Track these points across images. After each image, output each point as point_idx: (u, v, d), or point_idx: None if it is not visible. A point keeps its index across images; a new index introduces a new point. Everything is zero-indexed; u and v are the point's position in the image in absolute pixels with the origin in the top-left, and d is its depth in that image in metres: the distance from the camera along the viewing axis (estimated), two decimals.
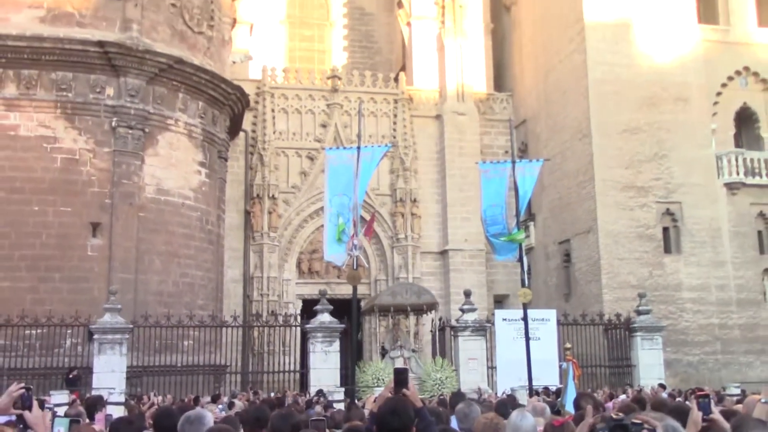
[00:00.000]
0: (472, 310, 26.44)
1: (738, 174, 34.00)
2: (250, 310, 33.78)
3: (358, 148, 19.95)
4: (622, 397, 19.76)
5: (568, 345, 23.70)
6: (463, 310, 26.45)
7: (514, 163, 20.23)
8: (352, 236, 19.34)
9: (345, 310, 24.81)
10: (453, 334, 26.44)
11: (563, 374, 21.70)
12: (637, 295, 28.74)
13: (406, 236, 36.70)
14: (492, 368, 25.71)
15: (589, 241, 33.36)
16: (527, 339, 19.74)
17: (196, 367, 26.29)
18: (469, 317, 26.12)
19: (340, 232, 19.58)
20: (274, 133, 36.44)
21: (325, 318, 25.25)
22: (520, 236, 20.05)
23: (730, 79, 35.02)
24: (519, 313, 21.96)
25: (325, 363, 24.74)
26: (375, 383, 23.41)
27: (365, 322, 32.08)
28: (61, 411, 11.60)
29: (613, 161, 33.21)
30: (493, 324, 25.72)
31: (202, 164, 30.14)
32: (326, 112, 37.43)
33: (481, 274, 36.97)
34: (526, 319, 20.11)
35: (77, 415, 9.42)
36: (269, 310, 33.25)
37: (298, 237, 36.43)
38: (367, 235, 29.45)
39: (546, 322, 24.79)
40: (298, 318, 28.34)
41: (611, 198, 32.93)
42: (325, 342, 24.94)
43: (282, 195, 35.93)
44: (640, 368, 26.95)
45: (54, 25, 26.88)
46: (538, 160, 22.48)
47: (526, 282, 21.27)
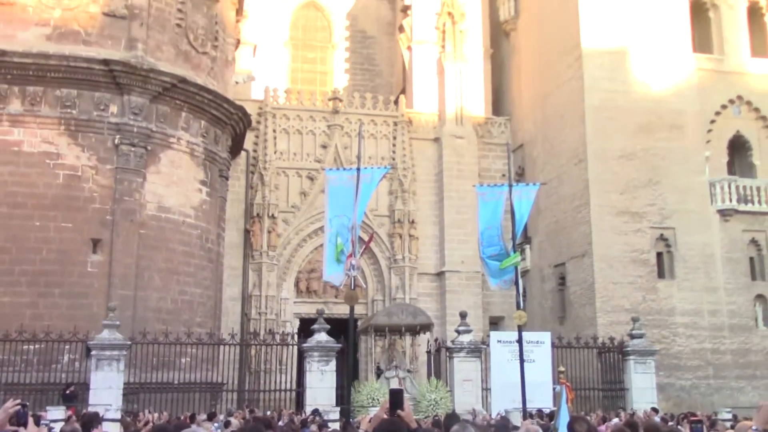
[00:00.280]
0: (468, 332, 26.35)
1: (731, 201, 33.98)
2: (248, 329, 33.67)
3: (358, 169, 19.93)
4: (615, 420, 19.64)
5: (562, 368, 23.63)
6: (458, 332, 26.37)
7: (511, 186, 20.24)
8: (349, 256, 19.26)
9: (342, 329, 24.71)
10: (448, 355, 26.32)
11: (557, 397, 21.63)
12: (631, 319, 28.68)
13: (404, 257, 36.64)
14: (486, 390, 25.56)
15: (584, 265, 33.29)
16: (522, 361, 19.67)
17: (193, 385, 26.11)
18: (465, 339, 26.03)
19: (339, 252, 19.51)
20: (275, 153, 36.43)
21: (322, 337, 25.13)
22: (515, 259, 19.98)
23: (724, 107, 35.05)
24: (514, 335, 21.89)
25: (321, 382, 24.60)
26: (370, 403, 23.26)
27: (362, 342, 31.97)
28: (57, 427, 11.50)
29: (609, 186, 33.20)
30: (488, 346, 25.61)
31: (203, 183, 30.09)
32: (327, 133, 37.43)
33: (477, 296, 36.87)
34: (520, 342, 20.04)
35: (73, 431, 9.33)
36: (267, 328, 33.12)
37: (297, 256, 36.35)
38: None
39: (540, 345, 24.69)
40: (295, 337, 28.20)
41: (606, 223, 32.89)
42: (322, 361, 24.81)
43: (281, 214, 35.89)
44: (633, 392, 26.84)
45: (60, 43, 26.90)
46: (535, 184, 22.49)
47: (522, 304, 21.19)
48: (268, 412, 22.70)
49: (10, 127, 26.24)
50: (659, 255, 33.38)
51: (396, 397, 6.58)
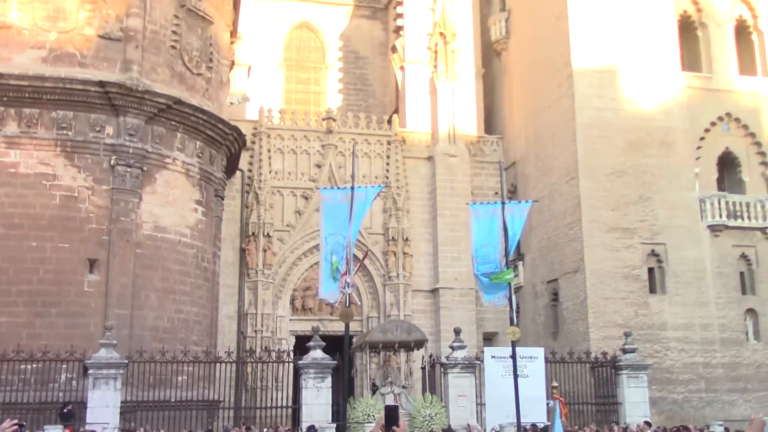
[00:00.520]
0: (462, 348, 26.29)
1: (721, 216, 34.04)
2: (244, 346, 33.57)
3: (352, 188, 19.85)
4: None
5: (555, 383, 23.63)
6: (452, 348, 26.31)
7: (503, 204, 20.12)
8: (344, 274, 19.21)
9: (337, 346, 24.60)
10: (443, 371, 26.25)
11: (551, 412, 21.58)
12: (623, 333, 28.62)
13: (398, 274, 36.61)
14: (481, 405, 25.46)
15: (576, 281, 33.27)
16: (516, 376, 19.53)
17: (190, 403, 25.98)
18: (459, 354, 25.97)
19: (334, 270, 19.45)
20: (270, 173, 36.43)
21: (318, 354, 25.04)
22: (508, 275, 19.92)
23: (713, 124, 35.15)
24: (508, 351, 21.74)
25: (317, 399, 24.49)
26: (366, 419, 23.19)
27: (357, 359, 31.83)
28: None
29: (600, 203, 33.22)
30: (482, 361, 25.51)
31: (198, 202, 30.02)
32: (321, 152, 37.44)
33: (470, 312, 36.83)
34: (514, 357, 19.91)
35: None
36: (263, 346, 33.03)
37: (292, 274, 36.28)
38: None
39: (534, 360, 24.61)
40: (291, 354, 28.15)
41: (598, 239, 32.90)
42: (317, 378, 24.70)
43: (277, 233, 35.87)
44: (625, 406, 26.76)
45: (56, 65, 26.87)
46: (527, 201, 22.37)
47: (515, 320, 21.10)
48: (265, 430, 22.60)
49: (7, 148, 26.17)
50: (651, 270, 33.39)
51: (391, 414, 6.54)
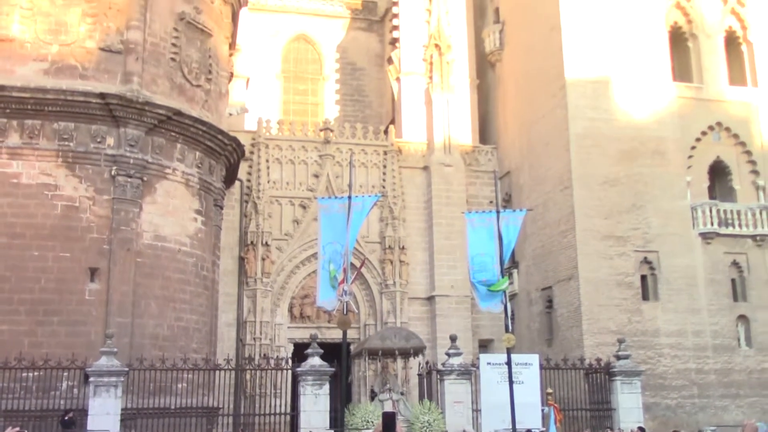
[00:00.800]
0: (458, 355, 26.22)
1: (712, 224, 34.09)
2: (243, 354, 33.49)
3: (349, 197, 19.91)
4: None
5: (550, 390, 23.60)
6: (449, 354, 26.24)
7: (498, 212, 20.16)
8: (342, 282, 19.21)
9: (335, 353, 24.56)
10: (439, 377, 26.16)
11: (545, 418, 21.54)
12: (617, 340, 28.56)
13: (395, 282, 36.60)
14: (477, 411, 25.35)
15: (570, 288, 33.27)
16: (511, 383, 19.54)
17: (190, 410, 25.90)
18: (455, 361, 25.90)
19: (332, 278, 19.46)
20: (269, 183, 36.44)
21: (316, 361, 24.96)
22: (504, 284, 19.92)
23: (704, 133, 35.22)
24: (503, 358, 21.76)
25: (315, 405, 24.40)
26: (365, 425, 23.12)
27: (355, 366, 31.80)
28: None
29: (593, 211, 33.25)
30: (478, 368, 25.39)
31: (198, 212, 29.99)
32: (319, 162, 37.45)
33: (466, 320, 36.81)
34: (509, 364, 19.93)
35: None
36: (261, 353, 32.97)
37: (291, 282, 36.26)
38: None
39: (529, 367, 24.50)
40: (290, 361, 28.11)
41: (591, 247, 32.91)
42: (315, 385, 24.62)
43: (275, 242, 35.87)
44: (620, 411, 26.66)
45: (57, 78, 26.86)
46: (522, 210, 22.43)
47: (510, 327, 21.09)
48: None
49: (9, 159, 26.12)
50: (643, 278, 33.42)
51: (388, 421, 6.54)
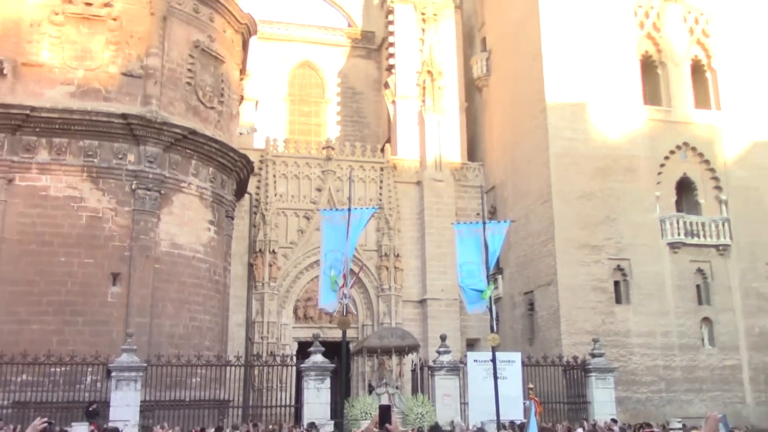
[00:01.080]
0: (447, 352, 26.27)
1: (679, 235, 34.12)
2: (252, 351, 33.46)
3: (349, 210, 19.99)
4: (579, 430, 19.58)
5: (531, 385, 23.62)
6: (439, 352, 26.29)
7: (484, 224, 20.21)
8: (342, 286, 19.27)
9: (335, 351, 24.58)
10: (430, 373, 26.19)
11: (527, 411, 21.56)
12: (592, 340, 28.64)
13: (390, 287, 36.63)
14: (465, 404, 25.39)
15: (550, 293, 33.29)
16: (495, 378, 19.56)
17: (203, 402, 25.92)
18: (445, 358, 25.94)
19: (333, 283, 19.52)
20: (275, 196, 36.49)
21: (318, 358, 25.00)
22: (489, 292, 19.97)
23: (672, 152, 35.26)
24: (488, 355, 21.76)
25: (317, 398, 24.43)
26: (363, 417, 23.14)
27: (353, 362, 31.80)
28: None
29: (571, 223, 33.30)
30: (466, 365, 25.46)
31: (211, 222, 30.06)
32: (321, 177, 37.52)
33: (455, 321, 36.82)
34: (494, 361, 19.94)
35: None
36: (268, 351, 32.97)
37: (295, 287, 36.26)
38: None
39: (512, 364, 24.52)
40: (294, 358, 28.03)
41: (569, 255, 32.95)
42: (318, 380, 24.65)
43: (281, 250, 35.89)
44: (594, 405, 26.73)
45: (83, 100, 26.97)
46: (506, 222, 22.49)
47: (495, 328, 21.13)
48: (270, 426, 22.53)
49: (39, 174, 26.23)
50: (616, 283, 33.43)
51: (384, 413, 6.54)
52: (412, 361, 29.14)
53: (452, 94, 41.15)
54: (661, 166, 34.97)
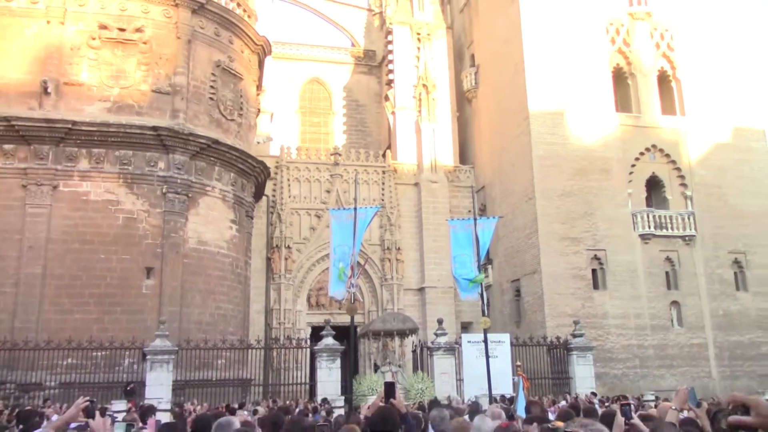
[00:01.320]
0: (444, 335, 26.26)
1: (649, 227, 34.13)
2: (270, 335, 33.52)
3: (355, 209, 19.96)
4: (563, 403, 19.58)
5: (519, 363, 23.59)
6: (436, 335, 26.28)
7: (475, 220, 20.22)
8: (350, 277, 19.28)
9: (345, 334, 24.64)
10: (429, 353, 26.21)
11: (515, 386, 21.55)
12: (573, 322, 28.63)
13: (392, 277, 36.66)
14: (460, 380, 25.40)
15: (534, 280, 33.31)
16: (487, 357, 19.58)
17: (227, 381, 26.00)
18: (442, 340, 25.93)
19: (341, 274, 19.51)
20: (290, 197, 36.54)
21: (329, 341, 25.04)
22: (480, 278, 19.99)
23: (642, 154, 35.27)
24: (480, 337, 21.79)
25: (329, 376, 24.48)
26: (369, 392, 23.14)
27: (360, 344, 31.81)
28: (120, 417, 11.39)
29: (553, 218, 33.32)
30: (461, 345, 25.49)
31: (233, 221, 30.11)
32: (330, 180, 37.55)
33: (450, 306, 36.83)
34: (486, 342, 19.96)
35: (132, 420, 9.27)
36: (285, 335, 32.99)
37: (308, 277, 36.30)
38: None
39: (502, 344, 24.55)
40: (308, 341, 28.11)
41: (551, 247, 32.97)
42: (329, 360, 24.70)
43: (295, 245, 35.93)
44: (576, 380, 26.73)
45: (118, 114, 27.05)
46: (494, 218, 22.49)
47: (486, 312, 21.12)
48: (287, 402, 22.57)
49: (80, 180, 26.33)
50: (594, 271, 33.45)
51: (389, 388, 6.59)
52: (413, 343, 29.14)
53: (445, 105, 41.16)
54: (632, 166, 34.99)
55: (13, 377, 23.14)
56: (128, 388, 22.43)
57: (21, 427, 8.78)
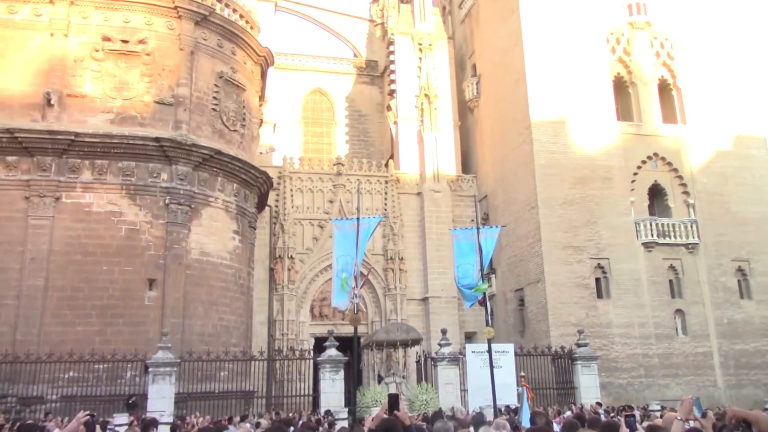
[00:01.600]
0: (448, 345, 26.17)
1: (652, 236, 34.02)
2: (273, 347, 33.40)
3: (358, 219, 19.85)
4: (568, 413, 19.43)
5: (523, 373, 23.48)
6: (440, 345, 26.19)
7: (478, 229, 20.12)
8: (353, 287, 19.17)
9: (348, 345, 24.51)
10: (433, 363, 26.10)
11: (520, 396, 21.42)
12: (577, 331, 28.52)
13: (396, 286, 36.53)
14: (464, 391, 25.28)
15: (538, 289, 33.18)
16: (491, 367, 19.44)
17: (230, 393, 25.87)
18: (446, 350, 25.84)
19: (344, 284, 19.41)
20: (292, 207, 36.46)
21: (332, 352, 24.93)
22: (484, 287, 19.88)
23: (644, 162, 35.22)
24: (484, 347, 21.68)
25: (333, 388, 24.36)
26: (373, 404, 23.01)
27: (364, 355, 31.70)
28: (122, 431, 11.30)
29: (555, 227, 33.22)
30: (465, 355, 25.38)
31: (236, 232, 30.04)
32: (333, 191, 37.48)
33: (454, 316, 36.69)
34: (490, 352, 19.83)
35: None
36: (288, 346, 32.90)
37: (311, 288, 36.18)
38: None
39: (506, 354, 24.44)
40: (311, 352, 28.01)
41: (554, 255, 32.86)
42: (333, 371, 24.59)
43: (298, 255, 35.83)
44: (581, 390, 26.60)
45: (121, 126, 27.04)
46: (497, 227, 22.38)
47: (490, 322, 21.00)
48: (291, 414, 22.44)
49: (83, 192, 26.29)
50: (597, 280, 33.32)
51: (393, 400, 6.51)
52: (417, 353, 29.04)
53: (447, 115, 41.13)
54: (634, 174, 34.93)
55: (14, 390, 23.02)
56: (130, 401, 22.35)
57: None
